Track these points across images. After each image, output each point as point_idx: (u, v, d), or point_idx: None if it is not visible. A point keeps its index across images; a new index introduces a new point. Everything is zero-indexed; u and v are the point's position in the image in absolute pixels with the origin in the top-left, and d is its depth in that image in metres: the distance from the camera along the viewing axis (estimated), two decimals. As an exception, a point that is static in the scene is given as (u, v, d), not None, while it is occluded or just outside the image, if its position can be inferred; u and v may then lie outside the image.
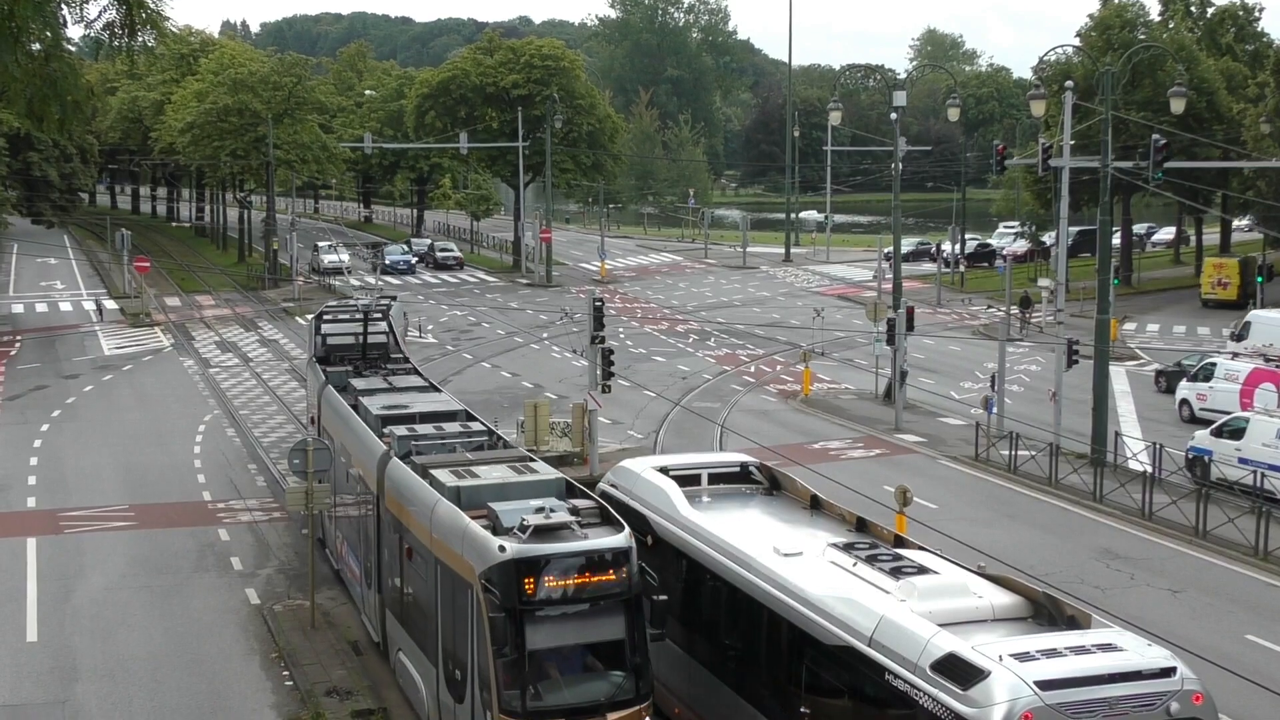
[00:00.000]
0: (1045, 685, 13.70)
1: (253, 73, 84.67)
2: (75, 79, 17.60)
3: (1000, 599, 16.12)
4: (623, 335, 58.83)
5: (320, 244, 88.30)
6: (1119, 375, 48.40)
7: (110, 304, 70.78)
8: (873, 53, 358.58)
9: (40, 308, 70.99)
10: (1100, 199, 40.10)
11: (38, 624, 25.48)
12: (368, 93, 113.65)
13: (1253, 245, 78.28)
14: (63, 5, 16.96)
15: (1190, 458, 36.02)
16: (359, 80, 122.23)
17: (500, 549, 16.93)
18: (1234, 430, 35.10)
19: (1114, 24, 71.16)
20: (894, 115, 50.06)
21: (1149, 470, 34.14)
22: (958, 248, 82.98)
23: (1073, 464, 35.40)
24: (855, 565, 17.21)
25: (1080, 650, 14.41)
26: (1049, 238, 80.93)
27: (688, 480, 21.68)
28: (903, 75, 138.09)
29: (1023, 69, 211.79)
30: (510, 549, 16.90)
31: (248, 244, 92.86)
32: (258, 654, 24.08)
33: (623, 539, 17.55)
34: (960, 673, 14.18)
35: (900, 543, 18.75)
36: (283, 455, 36.07)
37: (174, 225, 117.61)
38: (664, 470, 21.84)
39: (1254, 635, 24.85)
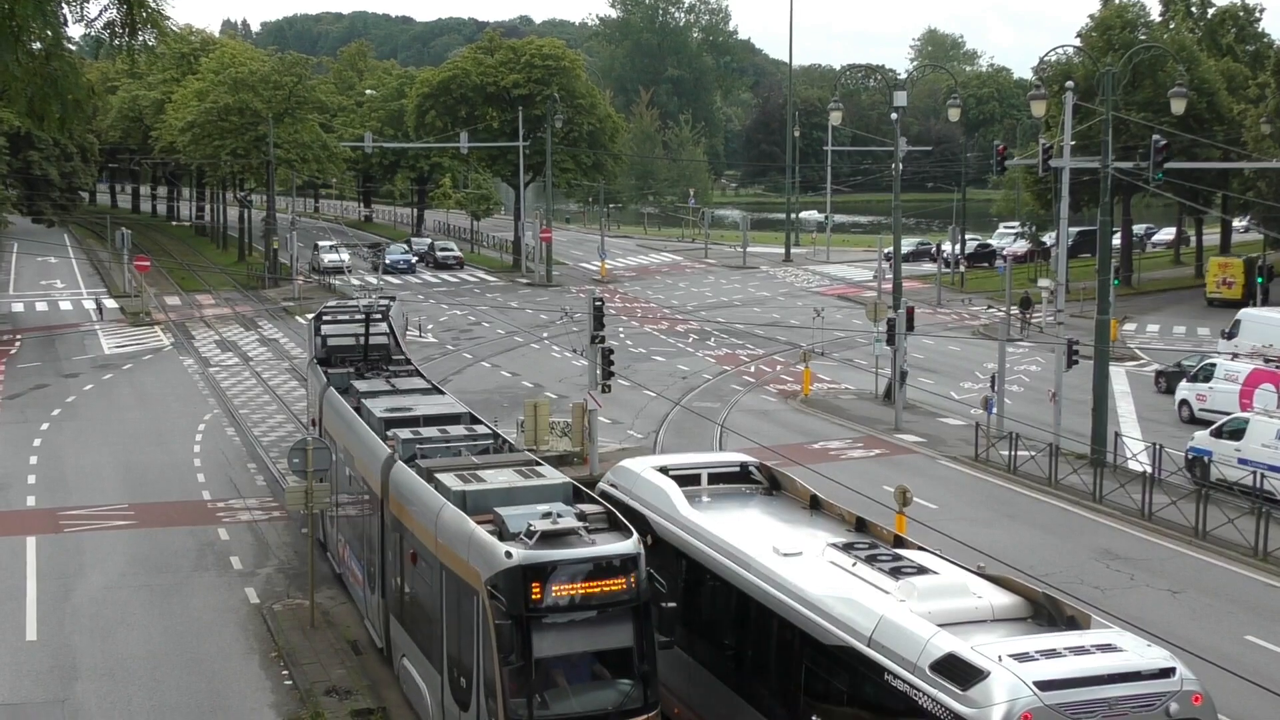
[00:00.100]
0: (1045, 685, 13.69)
1: (253, 72, 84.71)
2: (76, 78, 17.59)
3: (1000, 599, 16.11)
4: (623, 335, 58.84)
5: (320, 243, 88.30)
6: (1119, 376, 48.40)
7: (110, 303, 70.79)
8: (873, 53, 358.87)
9: (40, 306, 71.02)
10: (1100, 199, 40.10)
11: (37, 623, 25.48)
12: (368, 92, 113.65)
13: (1252, 245, 78.27)
14: (63, 4, 16.97)
15: (1190, 458, 36.03)
16: (359, 80, 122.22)
17: (507, 555, 16.67)
18: (1234, 431, 35.10)
19: (1114, 24, 71.17)
20: (894, 115, 50.06)
21: (1149, 471, 34.14)
22: (958, 248, 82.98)
23: (1072, 464, 35.40)
24: (855, 565, 17.21)
25: (1080, 651, 14.40)
26: (1049, 238, 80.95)
27: (687, 480, 21.66)
28: (903, 75, 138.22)
29: (1023, 69, 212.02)
30: (517, 555, 16.65)
31: (248, 243, 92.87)
32: (257, 653, 24.08)
33: (631, 545, 17.31)
34: (960, 673, 14.18)
35: (900, 543, 18.74)
36: (282, 454, 36.08)
37: (174, 224, 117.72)
38: (664, 470, 21.82)
39: (1253, 636, 24.85)
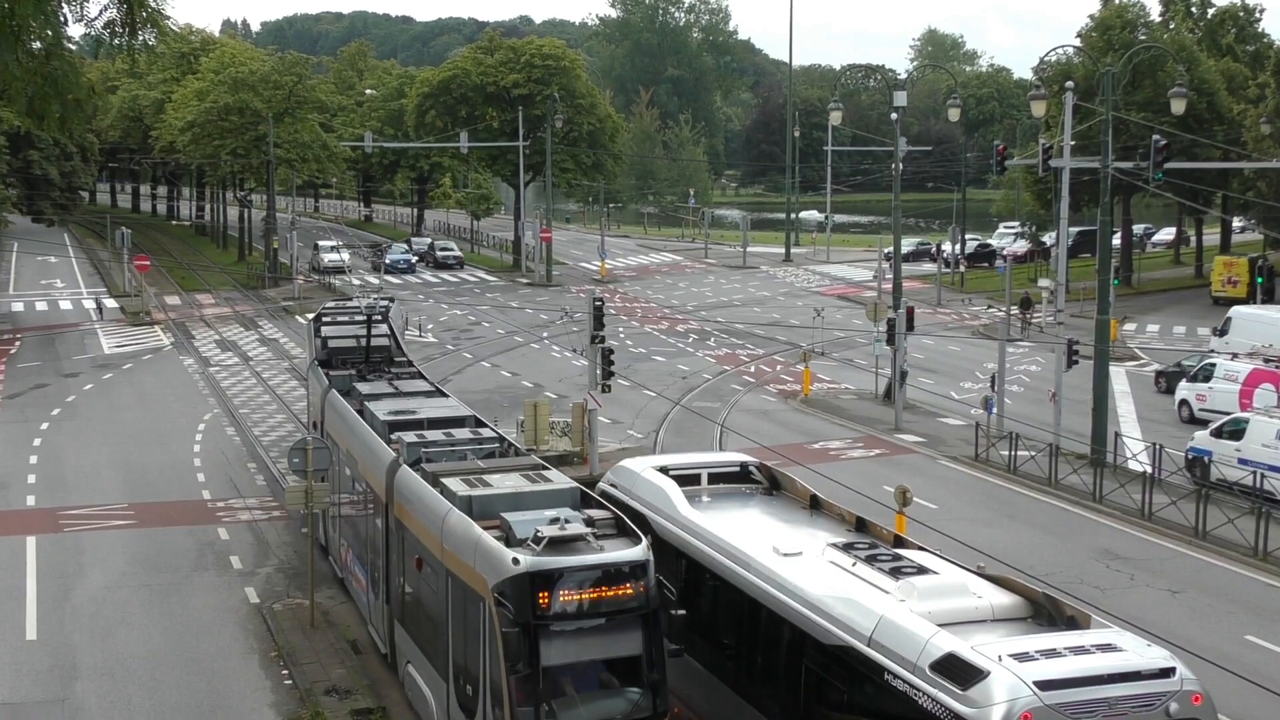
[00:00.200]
0: (1044, 685, 13.70)
1: (253, 71, 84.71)
2: (76, 77, 17.58)
3: (1000, 599, 16.12)
4: (623, 335, 58.85)
5: (320, 243, 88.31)
6: (1119, 376, 48.40)
7: (110, 302, 70.80)
8: (873, 53, 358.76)
9: (40, 306, 71.02)
10: (1100, 199, 40.10)
11: (37, 622, 25.47)
12: (368, 92, 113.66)
13: (1252, 245, 78.30)
14: (63, 3, 16.95)
15: (1190, 458, 36.03)
16: (359, 79, 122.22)
17: (514, 561, 16.47)
18: (1234, 431, 35.09)
19: (1114, 24, 71.17)
20: (894, 115, 50.05)
21: (1149, 471, 34.15)
22: (958, 248, 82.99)
23: (1072, 464, 35.40)
24: (855, 565, 17.21)
25: (1079, 650, 14.41)
26: (1049, 238, 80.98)
27: (687, 480, 21.66)
28: (903, 75, 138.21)
29: (1023, 69, 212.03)
30: (524, 561, 16.45)
31: (248, 243, 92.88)
32: (257, 653, 24.08)
33: (640, 551, 17.10)
34: (959, 673, 14.18)
35: (900, 543, 18.74)
36: (282, 454, 36.10)
37: (174, 224, 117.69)
38: (664, 470, 21.82)
39: (1253, 636, 24.85)
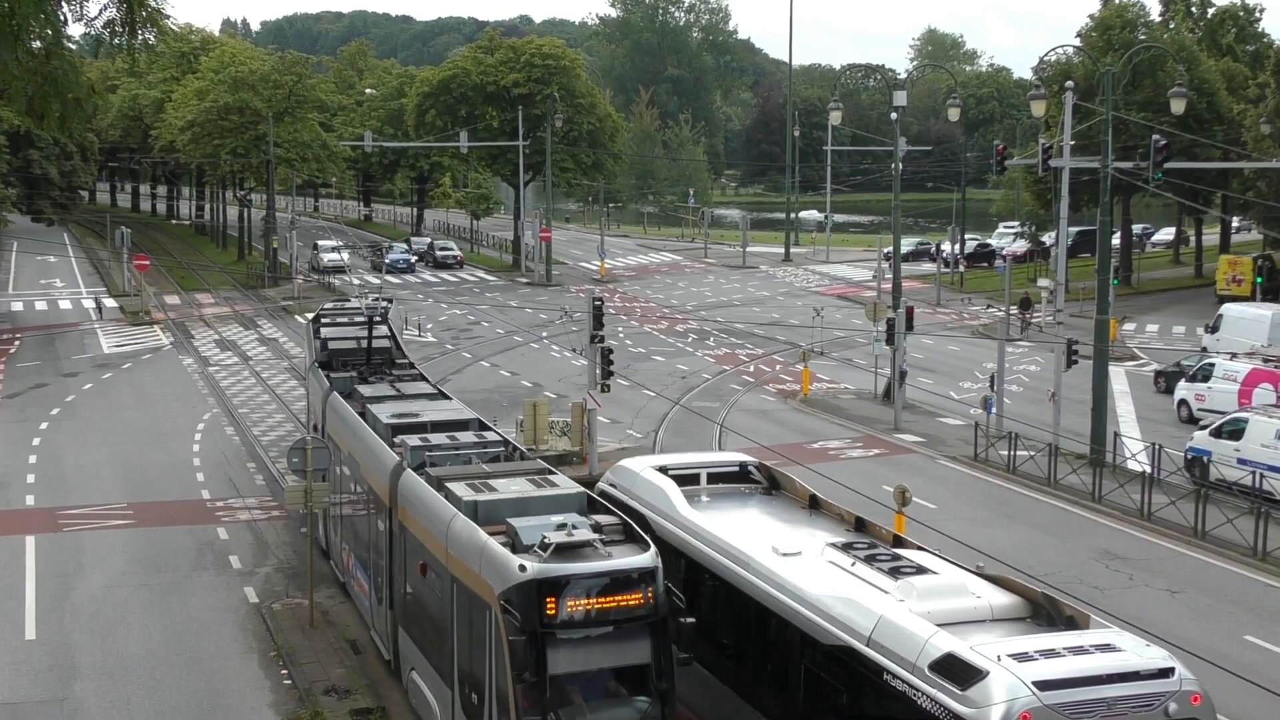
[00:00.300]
0: (1043, 685, 13.70)
1: (253, 71, 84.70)
2: (76, 77, 17.56)
3: (999, 599, 16.12)
4: (622, 334, 58.85)
5: (320, 242, 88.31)
6: (1118, 375, 48.40)
7: (110, 302, 70.80)
8: (873, 52, 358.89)
9: (40, 305, 71.02)
10: (1100, 199, 40.10)
11: (36, 622, 25.47)
12: (368, 91, 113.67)
13: (1252, 245, 78.33)
14: (63, 3, 16.91)
15: (1189, 458, 36.04)
16: (359, 79, 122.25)
17: (520, 568, 16.25)
18: (1233, 431, 35.09)
19: (1114, 24, 71.16)
20: (894, 115, 50.06)
21: (1148, 471, 34.15)
22: (957, 248, 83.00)
23: (1072, 464, 35.40)
24: (854, 565, 17.21)
25: (1079, 650, 14.41)
26: (1049, 238, 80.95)
27: (687, 480, 21.66)
28: (903, 75, 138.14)
29: (1023, 69, 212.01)
30: (531, 568, 16.23)
31: (247, 242, 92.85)
32: (256, 652, 24.08)
33: (648, 558, 16.87)
34: (959, 673, 14.18)
35: (899, 543, 18.74)
36: (282, 454, 36.10)
37: (174, 223, 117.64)
38: (663, 470, 21.82)
39: (1253, 636, 24.86)
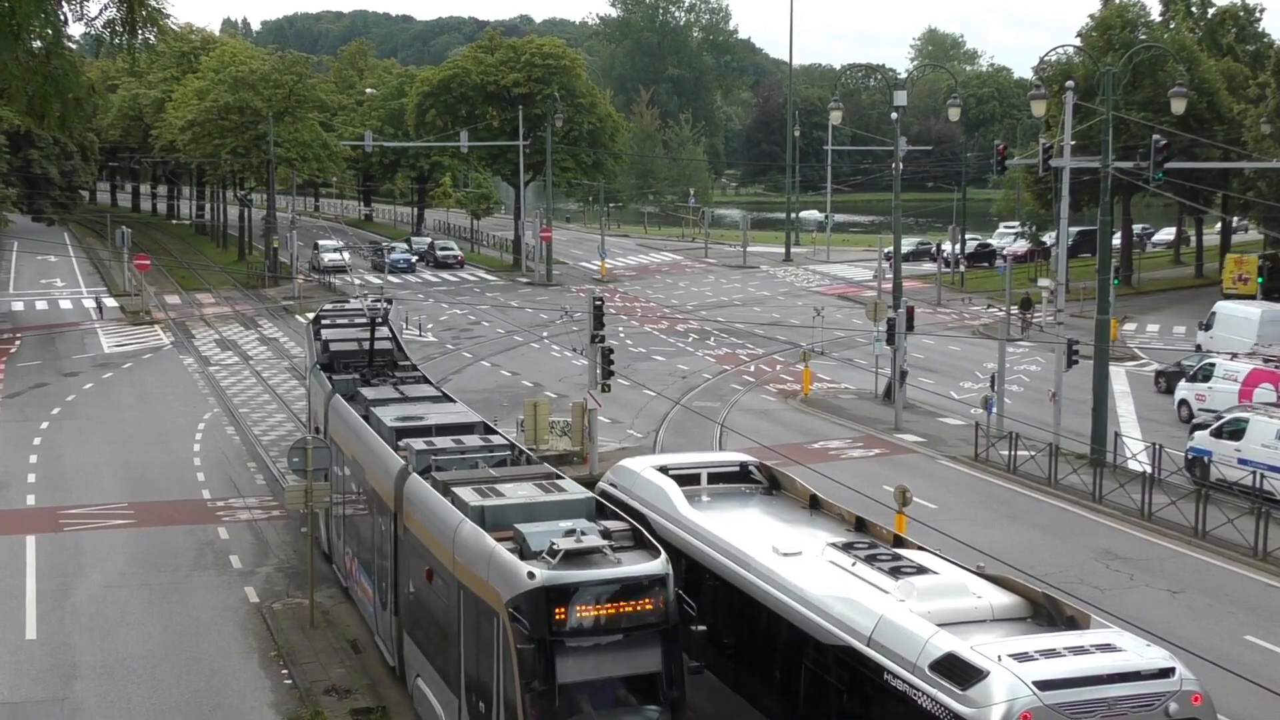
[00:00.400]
0: (1044, 685, 13.69)
1: (253, 70, 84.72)
2: (76, 76, 17.56)
3: (999, 599, 16.11)
4: (622, 334, 58.85)
5: (321, 242, 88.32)
6: (1119, 375, 48.39)
7: (110, 302, 70.81)
8: (873, 52, 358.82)
9: (40, 305, 71.03)
10: (1101, 199, 40.11)
11: (37, 622, 25.48)
12: (368, 91, 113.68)
13: (1251, 245, 78.32)
14: (63, 2, 16.91)
15: (1190, 458, 36.03)
16: (360, 78, 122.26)
17: (529, 575, 16.00)
18: (1233, 431, 35.07)
19: (1115, 24, 71.16)
20: (895, 115, 50.03)
21: (1148, 471, 34.15)
22: (958, 247, 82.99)
23: (1072, 464, 35.40)
24: (854, 565, 17.20)
25: (1079, 650, 14.40)
26: (1049, 238, 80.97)
27: (687, 480, 21.63)
28: (903, 75, 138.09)
29: (1023, 69, 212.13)
30: (540, 575, 15.98)
31: (248, 242, 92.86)
32: (256, 652, 24.08)
33: (659, 565, 16.67)
34: (959, 673, 14.17)
35: (899, 542, 18.73)
36: (282, 454, 36.10)
37: (174, 223, 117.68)
38: (663, 469, 21.79)
39: (1253, 636, 24.86)
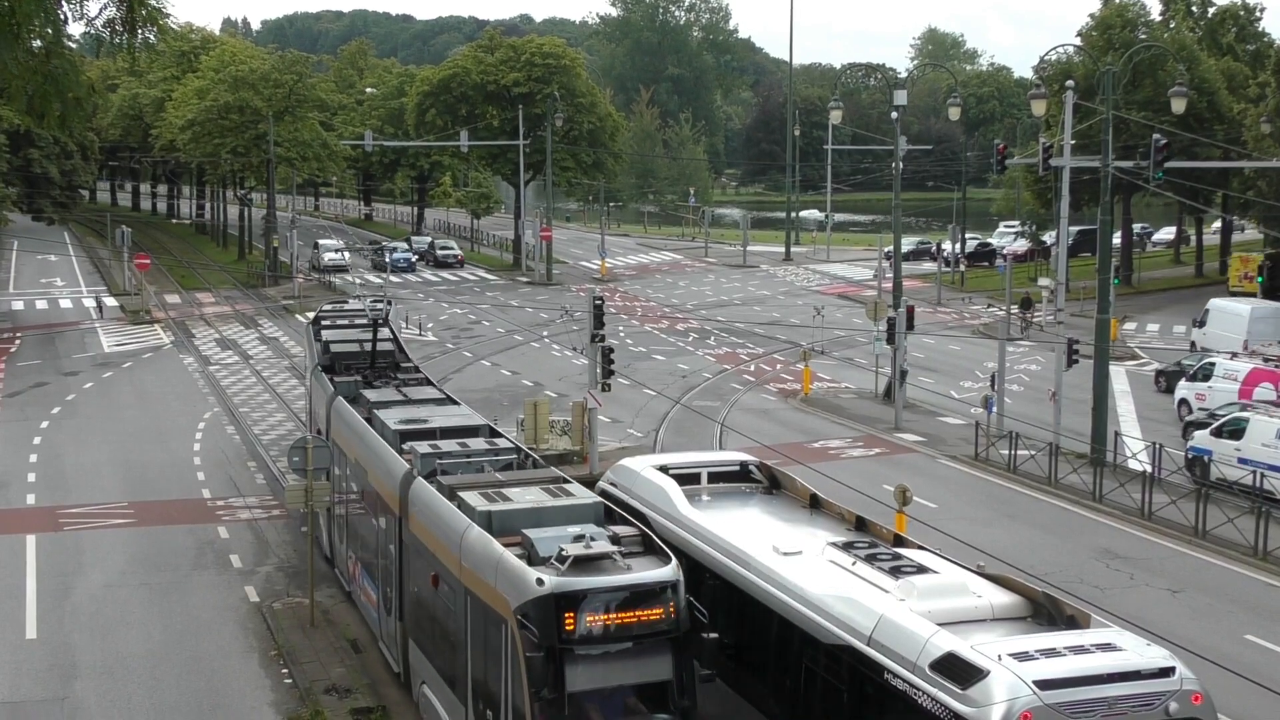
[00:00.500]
0: (1044, 685, 13.69)
1: (253, 70, 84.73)
2: (76, 76, 17.57)
3: (999, 598, 16.11)
4: (623, 334, 58.84)
5: (321, 241, 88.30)
6: (1119, 375, 48.39)
7: (110, 301, 70.82)
8: (873, 52, 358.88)
9: (40, 305, 71.04)
10: (1101, 199, 40.09)
11: (37, 621, 25.48)
12: (368, 90, 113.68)
13: (1250, 244, 78.30)
14: (63, 2, 16.93)
15: (1190, 458, 36.03)
16: (360, 78, 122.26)
17: (538, 582, 15.80)
18: (1233, 430, 35.07)
19: (1115, 23, 71.13)
20: (895, 114, 50.02)
21: (1149, 470, 34.15)
22: (958, 247, 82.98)
23: (1072, 464, 35.39)
24: (854, 564, 17.20)
25: (1079, 650, 14.40)
26: (1049, 237, 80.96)
27: (687, 479, 21.63)
28: (903, 74, 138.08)
29: (1023, 68, 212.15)
30: (549, 582, 15.78)
31: (248, 241, 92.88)
32: (257, 651, 24.08)
33: (670, 571, 16.43)
34: (959, 672, 14.17)
35: (900, 542, 18.73)
36: (282, 453, 36.09)
37: (174, 222, 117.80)
38: (664, 469, 21.79)
39: (1253, 635, 24.85)
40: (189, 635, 24.72)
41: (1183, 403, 43.09)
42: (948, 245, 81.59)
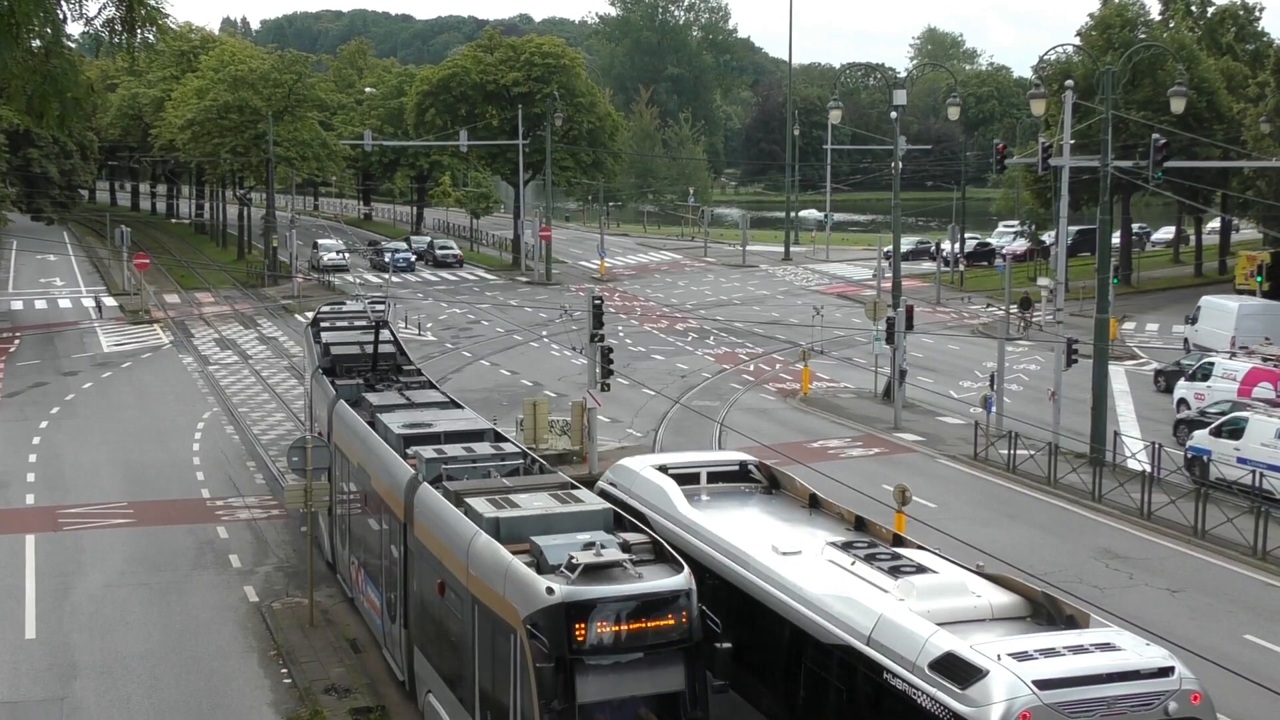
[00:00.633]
0: (1043, 684, 13.69)
1: (253, 70, 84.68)
2: (75, 75, 17.56)
3: (999, 598, 16.11)
4: (622, 333, 58.84)
5: (320, 241, 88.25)
6: (1118, 375, 48.40)
7: (110, 301, 70.80)
8: (873, 52, 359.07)
9: (39, 304, 71.03)
10: (1100, 198, 40.09)
11: (36, 621, 25.48)
12: (368, 90, 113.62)
13: (1249, 243, 78.29)
14: (62, 2, 16.92)
15: (1189, 457, 36.04)
16: (359, 77, 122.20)
17: (548, 591, 15.48)
18: (1233, 430, 35.06)
19: (1114, 23, 71.16)
20: (894, 114, 50.05)
21: (1148, 470, 34.15)
22: (957, 247, 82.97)
23: (1072, 463, 35.40)
24: (854, 564, 17.19)
25: (1078, 650, 14.39)
26: (1048, 237, 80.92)
27: (687, 479, 21.61)
28: (903, 74, 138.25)
29: (1023, 68, 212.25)
30: (559, 591, 15.44)
31: (247, 241, 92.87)
32: (256, 651, 24.08)
33: (682, 580, 16.15)
34: (958, 672, 14.17)
35: (899, 542, 18.72)
36: (281, 453, 36.09)
37: (174, 222, 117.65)
38: (663, 469, 21.76)
39: (1253, 635, 24.86)
40: (188, 635, 24.72)
41: (1182, 402, 43.09)
42: (947, 245, 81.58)
